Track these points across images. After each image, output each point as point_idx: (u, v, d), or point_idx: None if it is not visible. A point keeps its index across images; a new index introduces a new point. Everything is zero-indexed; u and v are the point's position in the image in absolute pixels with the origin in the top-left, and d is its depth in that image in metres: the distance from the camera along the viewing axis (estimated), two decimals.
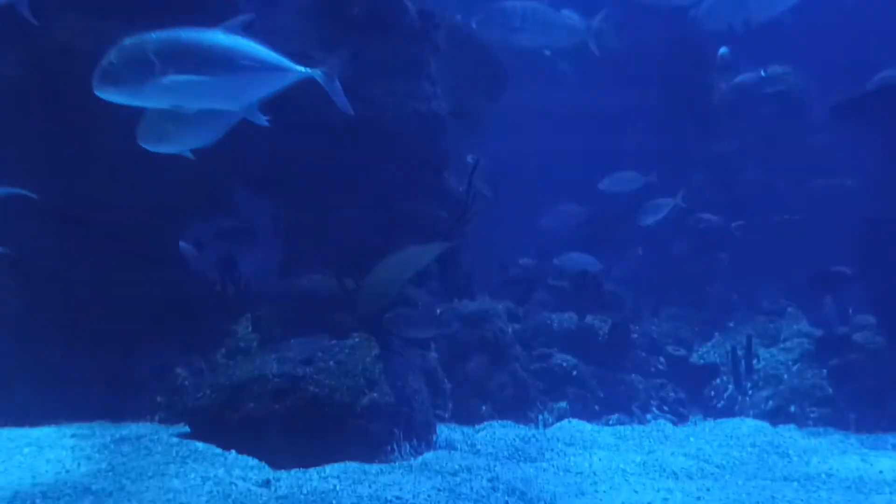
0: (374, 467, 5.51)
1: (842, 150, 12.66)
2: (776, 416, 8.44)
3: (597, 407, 8.58)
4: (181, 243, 8.33)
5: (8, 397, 6.77)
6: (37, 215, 7.13)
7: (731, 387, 9.25)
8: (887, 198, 8.58)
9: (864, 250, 8.88)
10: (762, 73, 13.16)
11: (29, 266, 7.23)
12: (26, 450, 5.51)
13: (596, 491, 4.96)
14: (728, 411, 8.97)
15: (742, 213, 13.01)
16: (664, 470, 5.72)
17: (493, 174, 8.84)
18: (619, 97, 14.89)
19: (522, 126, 15.26)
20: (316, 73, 5.01)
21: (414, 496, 4.66)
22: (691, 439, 7.12)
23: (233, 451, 5.57)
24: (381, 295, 6.63)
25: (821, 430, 8.00)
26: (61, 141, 6.66)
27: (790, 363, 9.27)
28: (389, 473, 5.28)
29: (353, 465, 5.47)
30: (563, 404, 8.46)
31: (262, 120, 4.97)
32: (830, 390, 8.48)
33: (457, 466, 5.57)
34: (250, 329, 7.59)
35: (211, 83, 4.45)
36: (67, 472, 4.96)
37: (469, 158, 8.60)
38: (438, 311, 8.44)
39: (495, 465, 5.67)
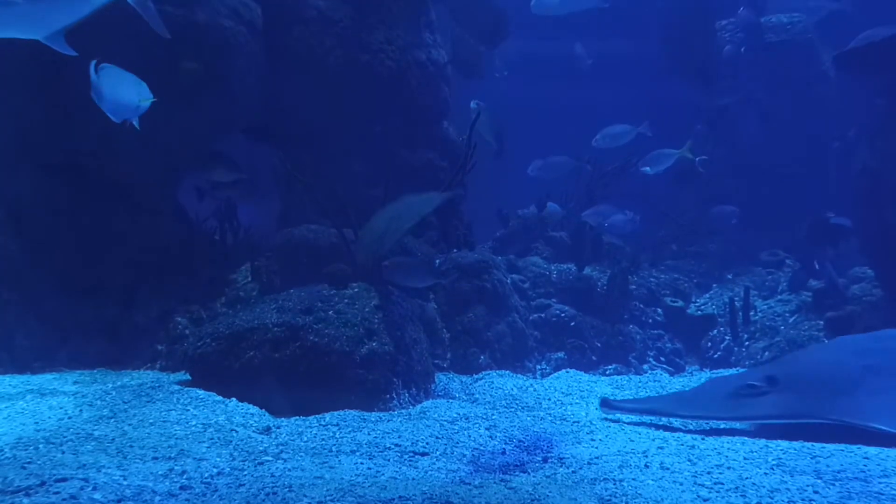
0: (373, 415, 5.57)
1: (844, 101, 12.55)
2: None
3: (594, 357, 8.65)
4: None
5: (9, 346, 6.82)
6: (35, 167, 7.11)
7: (727, 338, 9.31)
8: (887, 149, 8.52)
9: (864, 202, 8.85)
10: (741, 49, 13.09)
11: (29, 217, 7.22)
12: (28, 397, 5.56)
13: (592, 439, 5.01)
14: (724, 362, 9.05)
15: (743, 165, 12.96)
16: (660, 419, 5.78)
17: (496, 122, 8.75)
18: (621, 46, 14.73)
19: (524, 74, 15.10)
20: None
21: (412, 443, 4.72)
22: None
23: (233, 399, 5.61)
24: (379, 245, 6.62)
25: None
26: (59, 93, 6.59)
27: (787, 315, 9.32)
28: (388, 421, 5.33)
29: (352, 413, 5.53)
30: (561, 354, 8.53)
31: (69, 50, 4.47)
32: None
33: (455, 415, 5.62)
34: (250, 279, 7.62)
35: (5, 9, 4.05)
36: (70, 418, 5.01)
37: (472, 104, 8.50)
38: (437, 261, 8.46)
39: (493, 414, 5.73)
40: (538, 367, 8.32)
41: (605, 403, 5.67)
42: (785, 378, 5.40)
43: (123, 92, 5.29)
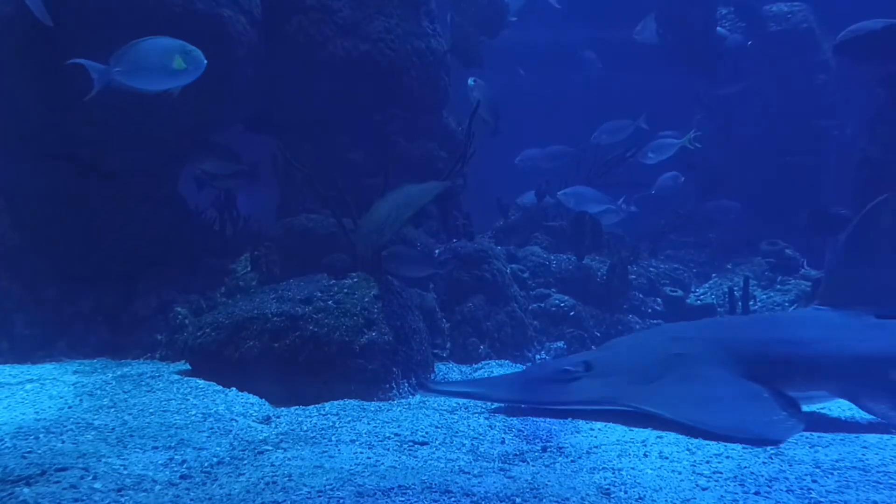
0: (372, 405, 5.58)
1: (845, 91, 12.53)
2: None
3: (594, 347, 8.64)
4: None
5: (9, 334, 6.83)
6: (35, 156, 7.09)
7: None
8: (888, 139, 8.51)
9: (864, 192, 8.84)
10: (748, 43, 13.07)
11: (29, 206, 7.22)
12: (28, 386, 5.57)
13: (591, 429, 5.01)
14: None
15: (743, 154, 12.94)
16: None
17: (493, 101, 8.73)
18: (620, 37, 14.68)
19: (524, 64, 15.07)
20: None
21: (412, 433, 4.73)
22: None
23: (233, 389, 5.62)
24: (379, 234, 6.62)
25: None
26: (58, 81, 6.57)
27: (786, 304, 9.32)
28: (388, 411, 5.34)
29: (352, 403, 5.54)
30: (561, 344, 8.53)
31: None
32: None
33: (454, 404, 5.63)
34: (249, 268, 7.62)
35: None
36: (70, 407, 5.02)
37: (470, 81, 8.46)
38: (437, 250, 8.46)
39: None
40: (538, 356, 8.32)
41: (422, 386, 5.58)
42: (599, 364, 5.36)
43: (154, 61, 5.25)
